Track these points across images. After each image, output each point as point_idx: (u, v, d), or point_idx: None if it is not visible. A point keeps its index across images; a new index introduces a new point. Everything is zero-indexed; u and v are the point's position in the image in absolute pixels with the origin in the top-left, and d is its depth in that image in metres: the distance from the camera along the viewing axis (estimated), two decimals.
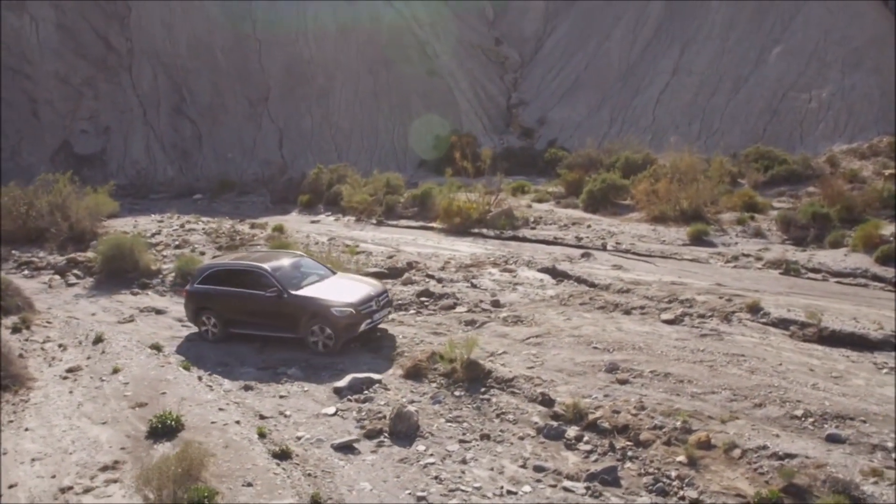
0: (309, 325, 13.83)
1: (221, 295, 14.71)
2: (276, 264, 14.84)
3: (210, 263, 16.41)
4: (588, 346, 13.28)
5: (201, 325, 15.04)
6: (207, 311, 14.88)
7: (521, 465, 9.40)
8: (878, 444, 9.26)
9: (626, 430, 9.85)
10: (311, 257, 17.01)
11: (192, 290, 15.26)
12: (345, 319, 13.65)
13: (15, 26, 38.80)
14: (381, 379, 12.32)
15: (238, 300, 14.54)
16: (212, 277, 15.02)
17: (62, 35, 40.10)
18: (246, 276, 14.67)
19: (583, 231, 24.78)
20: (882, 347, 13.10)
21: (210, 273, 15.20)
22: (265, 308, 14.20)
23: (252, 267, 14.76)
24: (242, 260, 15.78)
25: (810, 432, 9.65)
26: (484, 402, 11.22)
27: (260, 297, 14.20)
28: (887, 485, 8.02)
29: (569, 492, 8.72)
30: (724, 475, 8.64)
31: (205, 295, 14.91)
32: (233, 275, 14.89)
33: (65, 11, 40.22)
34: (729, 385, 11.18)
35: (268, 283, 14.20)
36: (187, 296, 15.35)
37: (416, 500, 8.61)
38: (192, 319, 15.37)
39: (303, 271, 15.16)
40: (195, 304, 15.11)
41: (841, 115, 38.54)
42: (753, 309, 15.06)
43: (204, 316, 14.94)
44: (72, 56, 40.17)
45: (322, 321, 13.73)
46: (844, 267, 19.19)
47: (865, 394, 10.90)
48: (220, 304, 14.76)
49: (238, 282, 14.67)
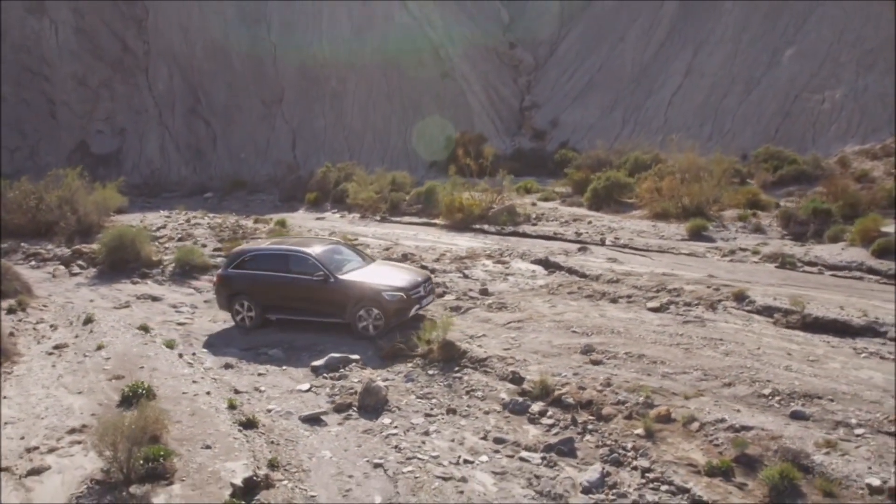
0: (357, 309, 13.62)
1: (260, 279, 14.33)
2: (318, 249, 14.57)
3: (247, 247, 15.84)
4: (567, 330, 13.34)
5: (235, 313, 14.63)
6: (243, 296, 14.46)
7: (481, 437, 9.49)
8: (842, 420, 9.21)
9: (589, 405, 9.89)
10: (347, 245, 16.69)
11: (226, 274, 14.75)
12: (396, 304, 13.58)
13: (35, 29, 39.86)
14: (360, 359, 12.48)
15: (279, 285, 14.21)
16: (249, 262, 14.63)
17: (80, 38, 41.06)
18: (288, 259, 14.33)
19: (583, 227, 24.78)
20: (864, 334, 13.01)
21: (247, 257, 14.78)
22: (309, 293, 13.95)
23: (295, 251, 14.45)
24: (283, 244, 15.40)
25: (775, 409, 9.62)
26: (455, 380, 11.32)
27: (304, 281, 13.96)
28: (839, 454, 7.98)
29: (525, 461, 8.79)
30: (679, 446, 8.65)
31: (241, 279, 14.48)
32: (273, 258, 14.51)
33: (83, 15, 41.20)
34: (701, 366, 11.18)
35: (313, 268, 13.97)
36: (220, 280, 14.85)
37: (373, 467, 8.74)
38: (225, 305, 14.84)
39: (343, 257, 14.95)
40: (229, 290, 14.64)
41: (854, 116, 38.07)
42: (739, 297, 15.02)
43: (238, 302, 14.53)
44: (89, 58, 41.11)
45: (373, 305, 13.54)
46: (840, 260, 19.00)
47: (839, 376, 10.84)
48: (258, 288, 14.35)
49: (279, 266, 14.32)
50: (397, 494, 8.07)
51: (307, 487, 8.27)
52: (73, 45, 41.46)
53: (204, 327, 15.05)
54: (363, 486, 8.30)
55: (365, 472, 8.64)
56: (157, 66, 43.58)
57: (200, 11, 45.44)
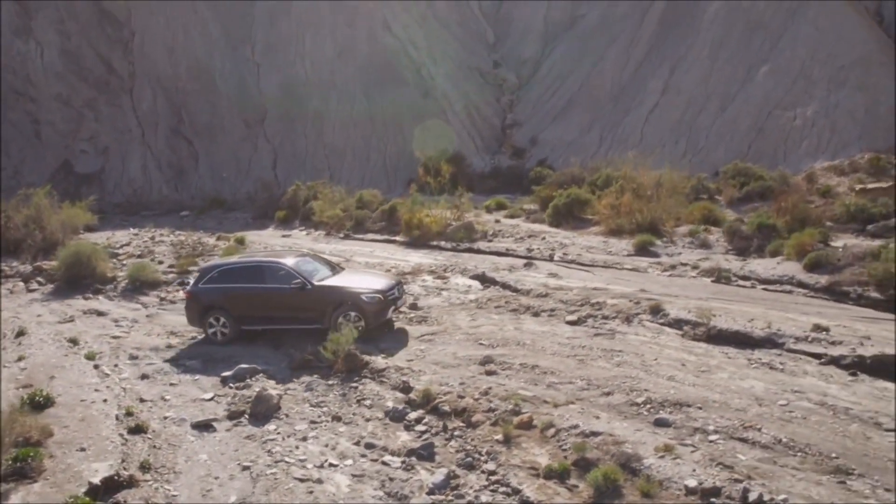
0: (336, 313, 13.99)
1: (234, 292, 14.55)
2: (291, 260, 15.00)
3: (217, 262, 16.23)
4: (476, 342, 13.75)
5: (208, 327, 14.79)
6: (216, 310, 14.65)
7: (355, 443, 9.91)
8: (700, 427, 9.58)
9: (463, 413, 10.31)
10: (316, 256, 17.10)
11: (196, 290, 14.87)
12: (375, 306, 14.09)
13: (21, 51, 40.99)
14: (269, 370, 12.95)
15: (255, 296, 14.49)
16: (220, 276, 14.86)
17: (65, 59, 42.15)
18: (262, 271, 14.67)
19: (536, 243, 25.22)
20: (763, 345, 13.38)
21: (218, 272, 15.00)
22: (287, 301, 14.28)
23: (269, 262, 14.88)
24: (254, 257, 15.87)
25: (641, 417, 9.99)
26: (351, 390, 11.76)
27: (281, 290, 14.29)
28: (671, 458, 8.36)
29: (385, 465, 9.21)
30: (530, 451, 9.05)
31: (213, 294, 14.66)
32: (247, 271, 14.82)
33: (69, 37, 42.31)
34: (588, 376, 11.57)
35: (289, 277, 14.34)
36: (190, 297, 14.95)
37: (241, 469, 9.18)
38: (197, 321, 14.99)
39: (314, 266, 15.29)
40: (201, 305, 14.78)
41: (824, 133, 38.48)
42: (655, 311, 15.41)
43: (212, 316, 14.70)
44: (74, 79, 42.16)
45: (352, 309, 13.98)
46: (773, 274, 19.36)
47: (719, 386, 11.21)
48: (232, 302, 14.58)
49: (253, 278, 14.62)
50: (252, 494, 8.51)
51: (172, 488, 8.71)
52: (59, 66, 42.55)
53: (137, 340, 15.55)
54: (224, 487, 8.74)
55: (232, 474, 9.08)
56: (141, 86, 44.59)
57: (186, 33, 46.51)
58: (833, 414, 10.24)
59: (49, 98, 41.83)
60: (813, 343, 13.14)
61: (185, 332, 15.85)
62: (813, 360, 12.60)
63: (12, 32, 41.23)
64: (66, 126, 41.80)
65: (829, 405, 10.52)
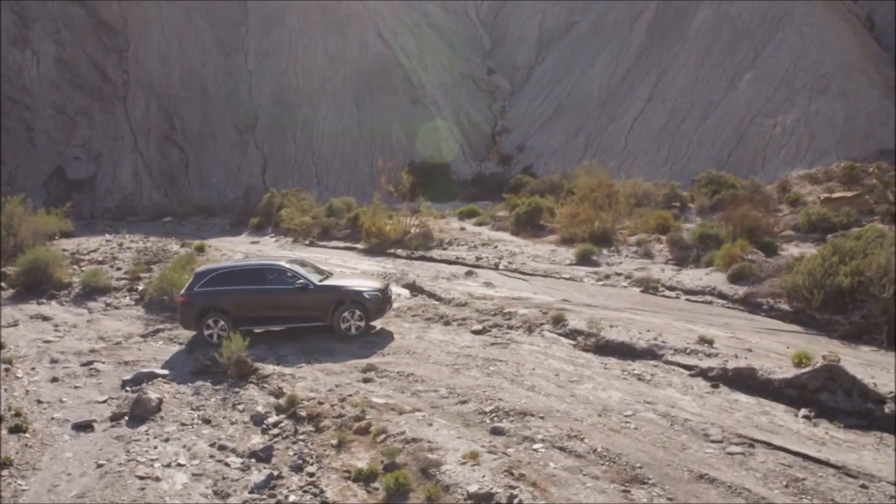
0: (339, 311, 14.93)
1: (234, 294, 15.08)
2: (290, 262, 15.87)
3: (213, 266, 16.88)
4: (371, 349, 14.39)
5: (205, 328, 15.17)
6: (214, 313, 15.10)
7: (210, 444, 10.60)
8: (529, 436, 10.12)
9: (316, 418, 10.97)
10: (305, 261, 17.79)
11: (193, 293, 15.24)
12: (376, 303, 15.22)
13: (18, 61, 42.58)
14: (168, 374, 13.71)
15: (255, 297, 15.10)
16: (217, 279, 15.38)
17: (60, 68, 43.68)
18: (263, 273, 15.38)
19: (488, 251, 25.77)
20: (644, 356, 13.82)
21: (215, 275, 15.55)
22: (288, 301, 15.05)
23: (271, 265, 15.72)
24: (251, 260, 16.92)
25: (482, 425, 10.53)
26: (232, 395, 12.47)
27: (282, 291, 15.08)
28: (470, 465, 8.93)
29: (226, 465, 9.89)
30: (355, 455, 9.66)
31: (211, 296, 15.11)
32: (246, 274, 15.47)
33: (65, 46, 43.84)
34: (455, 384, 12.14)
35: (292, 278, 15.17)
36: (187, 301, 15.26)
37: (96, 467, 9.92)
38: (193, 324, 15.33)
39: (308, 269, 16.07)
40: (198, 307, 15.14)
41: (803, 141, 38.49)
42: (556, 321, 15.91)
43: (210, 319, 15.12)
44: (68, 88, 43.69)
45: (355, 306, 14.99)
46: (698, 285, 19.72)
47: (577, 396, 11.70)
48: (231, 303, 15.05)
49: (254, 280, 15.25)
50: (93, 490, 9.25)
51: (24, 483, 9.49)
52: (53, 74, 44.08)
53: (66, 345, 16.41)
54: (72, 483, 9.49)
55: (85, 471, 9.82)
56: (135, 94, 45.95)
57: (180, 42, 47.82)
58: (670, 425, 10.71)
59: (44, 106, 43.39)
60: (690, 355, 13.55)
61: (113, 338, 16.70)
62: (684, 372, 13.05)
63: (10, 42, 42.87)
64: (59, 133, 43.29)
65: (670, 416, 10.97)
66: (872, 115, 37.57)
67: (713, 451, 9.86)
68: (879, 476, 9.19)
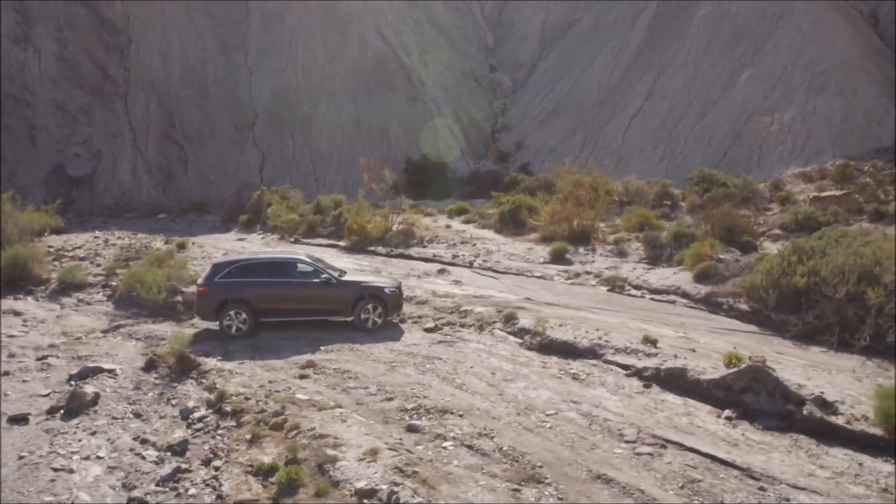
0: (360, 306, 15.50)
1: (257, 286, 15.30)
2: (311, 258, 16.57)
3: (232, 258, 17.14)
4: (318, 346, 14.55)
5: (224, 319, 15.24)
6: (235, 304, 15.18)
7: (134, 438, 10.81)
8: (442, 434, 10.21)
9: (239, 413, 11.13)
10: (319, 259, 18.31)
11: (213, 283, 15.31)
12: (394, 299, 15.95)
13: (19, 59, 43.34)
14: (115, 369, 13.95)
15: (279, 290, 15.43)
16: (239, 271, 15.55)
17: (62, 66, 44.40)
18: (286, 267, 15.83)
19: (466, 249, 25.82)
20: (585, 355, 13.85)
21: (235, 268, 15.69)
22: (311, 295, 15.54)
23: (296, 259, 16.32)
24: (275, 253, 17.93)
25: (399, 422, 10.62)
26: (170, 389, 12.67)
27: (305, 284, 15.57)
28: (367, 462, 9.04)
29: (142, 459, 10.09)
30: (265, 450, 9.81)
31: (232, 287, 15.23)
32: (270, 267, 15.77)
33: (67, 45, 44.53)
34: (386, 382, 12.24)
35: (317, 272, 15.73)
36: (207, 291, 15.31)
37: (17, 459, 10.17)
38: (212, 315, 15.39)
39: (324, 265, 16.64)
40: (218, 298, 15.21)
41: (799, 139, 38.05)
42: (508, 320, 15.96)
43: (232, 310, 15.20)
44: (69, 85, 44.39)
45: (376, 301, 15.61)
46: (663, 285, 19.66)
47: (505, 395, 11.73)
48: (254, 295, 15.25)
49: (277, 273, 15.62)
50: (7, 481, 9.48)
51: None
52: (54, 72, 44.79)
53: (29, 340, 16.70)
54: None
55: (6, 462, 10.06)
56: (135, 92, 46.55)
57: (181, 40, 48.34)
58: (588, 425, 10.74)
59: (45, 103, 44.11)
60: (630, 355, 13.55)
61: (75, 333, 17.01)
62: (620, 372, 13.06)
63: (12, 41, 43.63)
64: (60, 131, 43.99)
65: (592, 416, 11.00)
66: (870, 114, 37.04)
67: (622, 451, 9.89)
68: (781, 479, 9.17)
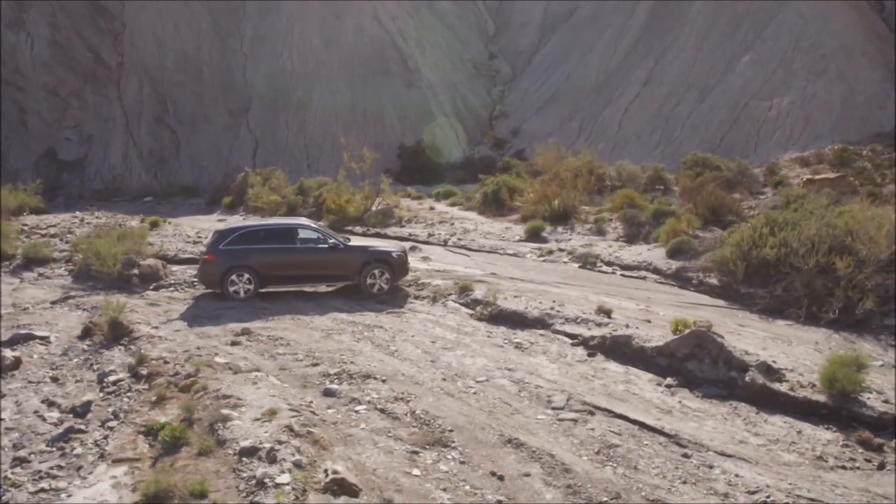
0: (366, 270, 15.43)
1: (263, 252, 15.21)
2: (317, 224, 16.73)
3: (237, 225, 17.02)
4: (260, 315, 14.07)
5: (230, 284, 15.11)
6: (240, 269, 15.08)
7: (42, 401, 10.32)
8: (357, 398, 9.69)
9: (153, 377, 10.65)
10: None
11: (220, 250, 15.21)
12: (401, 263, 15.87)
13: (12, 43, 43.20)
14: (49, 336, 13.54)
15: (286, 255, 15.34)
16: (243, 238, 15.44)
17: (54, 50, 44.22)
18: (292, 232, 15.73)
19: (443, 229, 25.28)
20: (534, 325, 13.30)
21: (240, 234, 15.57)
22: (319, 260, 15.44)
23: (303, 224, 16.32)
24: (281, 219, 18.39)
25: (317, 387, 10.10)
26: (97, 356, 12.23)
27: (312, 250, 15.50)
28: (263, 422, 8.53)
29: (42, 420, 9.63)
30: (166, 411, 9.30)
31: (239, 254, 15.14)
32: (276, 232, 15.70)
33: (60, 29, 44.33)
34: (317, 349, 11.74)
35: (323, 238, 15.68)
36: (212, 258, 15.22)
37: None
38: (216, 282, 15.24)
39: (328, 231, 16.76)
40: (224, 265, 15.10)
41: (798, 124, 37.10)
42: (462, 291, 15.41)
43: (235, 275, 15.10)
44: (62, 70, 44.20)
45: (383, 266, 15.55)
46: (635, 261, 19.02)
47: (438, 362, 11.23)
48: (259, 261, 15.14)
49: (283, 239, 15.54)
50: None
51: None
52: (46, 57, 44.60)
53: None
54: None
55: None
56: (128, 77, 46.31)
57: (176, 25, 48.03)
58: (517, 391, 10.18)
59: (36, 88, 43.97)
60: (579, 325, 12.99)
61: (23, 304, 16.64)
62: (567, 341, 12.49)
63: (5, 25, 43.49)
64: (51, 115, 43.84)
65: (524, 383, 10.45)
66: (871, 98, 36.02)
67: (545, 417, 9.33)
68: (709, 446, 8.59)
